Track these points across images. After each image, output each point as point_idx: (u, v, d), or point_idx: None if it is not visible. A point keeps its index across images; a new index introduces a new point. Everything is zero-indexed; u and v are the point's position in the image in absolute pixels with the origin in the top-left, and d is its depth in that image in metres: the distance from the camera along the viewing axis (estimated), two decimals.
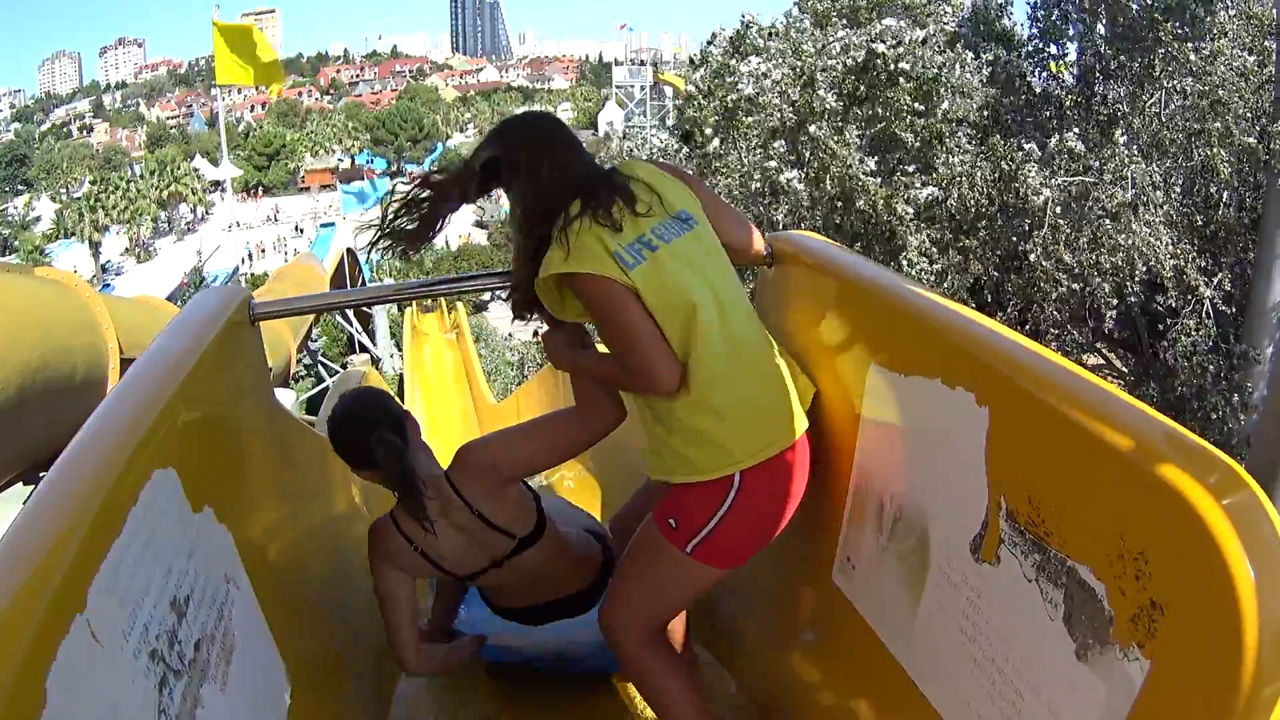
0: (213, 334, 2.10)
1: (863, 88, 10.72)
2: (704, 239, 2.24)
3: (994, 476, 1.68)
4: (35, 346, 5.20)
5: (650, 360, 2.09)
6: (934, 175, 10.55)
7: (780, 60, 11.04)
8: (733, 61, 11.48)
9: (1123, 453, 1.38)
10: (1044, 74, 11.69)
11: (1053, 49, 11.60)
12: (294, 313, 3.25)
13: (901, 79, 10.45)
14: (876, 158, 10.76)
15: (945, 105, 10.45)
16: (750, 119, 10.97)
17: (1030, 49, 11.65)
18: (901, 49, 10.44)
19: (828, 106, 10.58)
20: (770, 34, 11.79)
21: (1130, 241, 9.94)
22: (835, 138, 10.45)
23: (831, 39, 10.99)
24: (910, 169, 10.74)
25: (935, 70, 10.40)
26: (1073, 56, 11.66)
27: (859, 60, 10.60)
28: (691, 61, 13.70)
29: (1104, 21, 10.86)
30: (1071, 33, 11.53)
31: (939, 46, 10.74)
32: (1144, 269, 10.07)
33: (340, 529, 3.36)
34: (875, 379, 2.15)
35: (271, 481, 2.47)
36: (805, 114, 10.71)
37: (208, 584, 1.65)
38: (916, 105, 10.52)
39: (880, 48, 10.47)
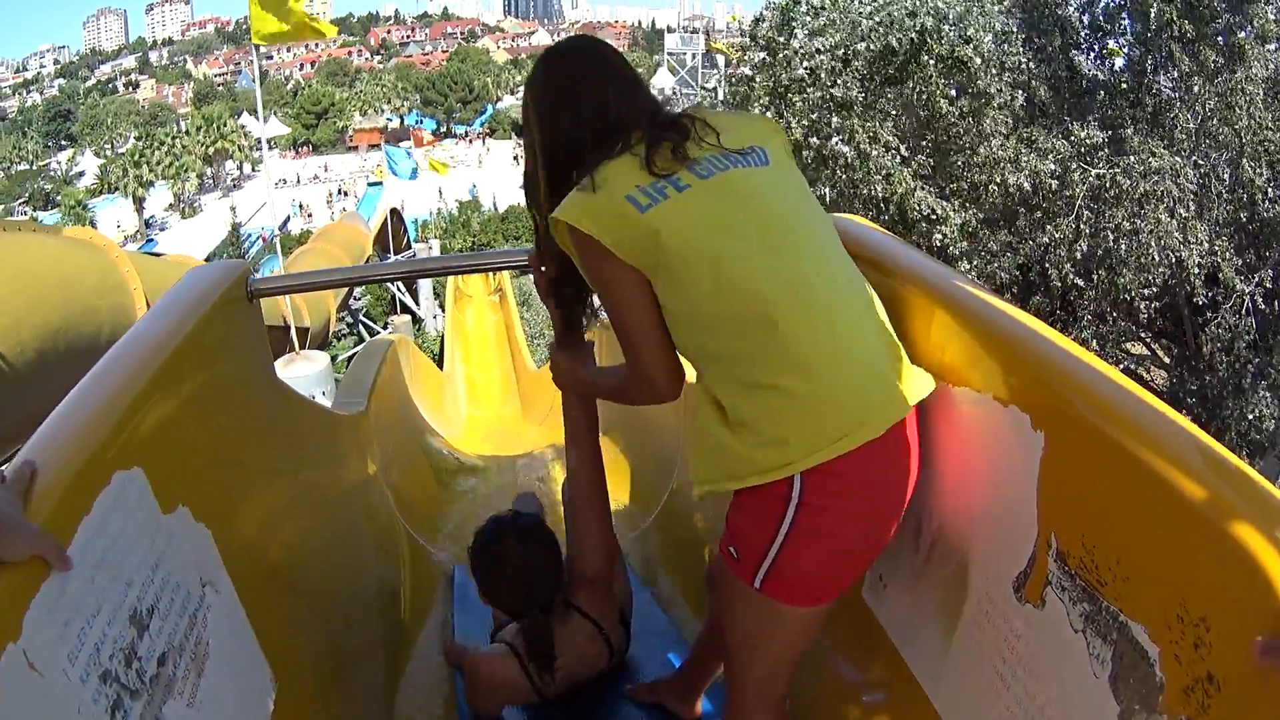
0: (202, 313, 1.97)
1: (893, 71, 10.55)
2: (775, 175, 1.90)
3: (1045, 510, 1.52)
4: (58, 308, 5.15)
5: (648, 355, 1.87)
6: (975, 158, 10.36)
7: (829, 31, 10.88)
8: (782, 38, 11.31)
9: (1194, 503, 1.21)
10: (1095, 60, 11.44)
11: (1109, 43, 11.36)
12: (295, 289, 3.13)
13: (927, 55, 10.26)
14: (908, 145, 10.60)
15: (981, 82, 10.23)
16: (799, 99, 10.83)
17: (1084, 36, 11.39)
18: (923, 33, 10.25)
19: (852, 95, 10.43)
20: (819, 10, 11.57)
21: (1153, 232, 9.71)
22: (862, 126, 10.31)
23: (876, 12, 10.82)
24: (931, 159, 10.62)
25: (962, 45, 10.18)
26: (1121, 49, 11.42)
27: (889, 41, 10.42)
28: (743, 33, 13.54)
29: (1154, 13, 10.60)
30: (1124, 26, 11.28)
31: (977, 23, 10.53)
32: (1169, 261, 9.85)
33: (349, 515, 3.23)
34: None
35: (267, 470, 2.32)
36: (833, 105, 10.59)
37: (177, 591, 1.52)
38: (943, 83, 10.30)
39: (892, 38, 10.32)
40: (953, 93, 10.32)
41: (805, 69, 10.79)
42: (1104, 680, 1.35)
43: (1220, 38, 9.81)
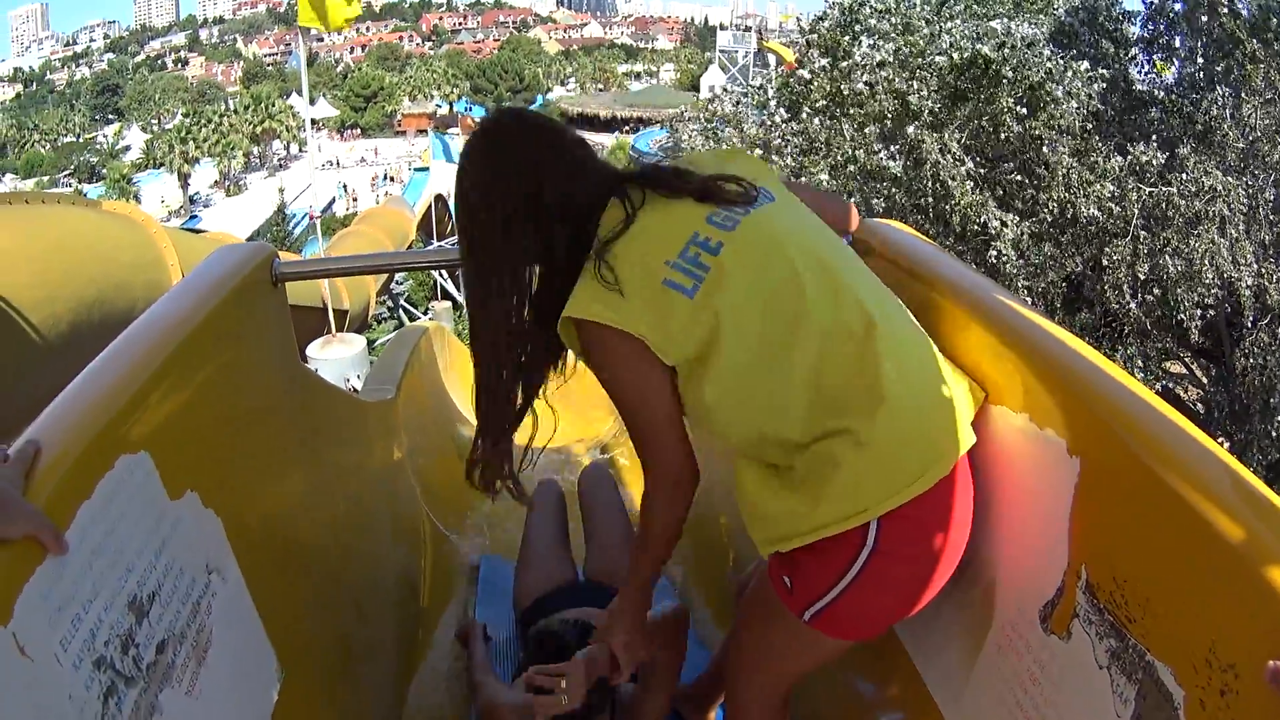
0: (222, 296, 1.94)
1: (964, 86, 10.41)
2: (787, 209, 1.77)
3: (1077, 540, 1.46)
4: (93, 281, 5.18)
5: (675, 452, 1.72)
6: (1033, 179, 10.24)
7: (891, 41, 10.75)
8: (845, 39, 11.20)
9: (1232, 544, 1.16)
10: (1147, 74, 11.28)
11: (1157, 58, 11.21)
12: (321, 274, 3.11)
13: (1005, 81, 10.11)
14: (974, 158, 10.47)
15: (1050, 110, 10.08)
16: (855, 109, 10.73)
17: (1138, 49, 11.24)
18: (1007, 52, 10.10)
19: (926, 106, 10.29)
20: (884, 12, 11.43)
21: (1206, 253, 9.55)
22: (931, 135, 10.17)
23: (940, 29, 10.68)
24: (1011, 176, 10.46)
25: (1042, 74, 10.04)
26: (1173, 67, 11.26)
27: (964, 57, 10.27)
28: (801, 31, 13.43)
29: (1205, 30, 10.43)
30: (1178, 43, 11.12)
31: (1046, 48, 10.37)
32: (1217, 280, 9.69)
33: (370, 504, 3.20)
34: None
35: (286, 458, 2.28)
36: (902, 114, 10.44)
37: (180, 578, 1.50)
38: (1019, 109, 10.16)
39: (985, 49, 10.14)
40: (1023, 111, 10.16)
41: (865, 83, 10.67)
42: (1126, 719, 1.30)
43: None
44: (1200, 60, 10.62)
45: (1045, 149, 10.16)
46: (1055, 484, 1.50)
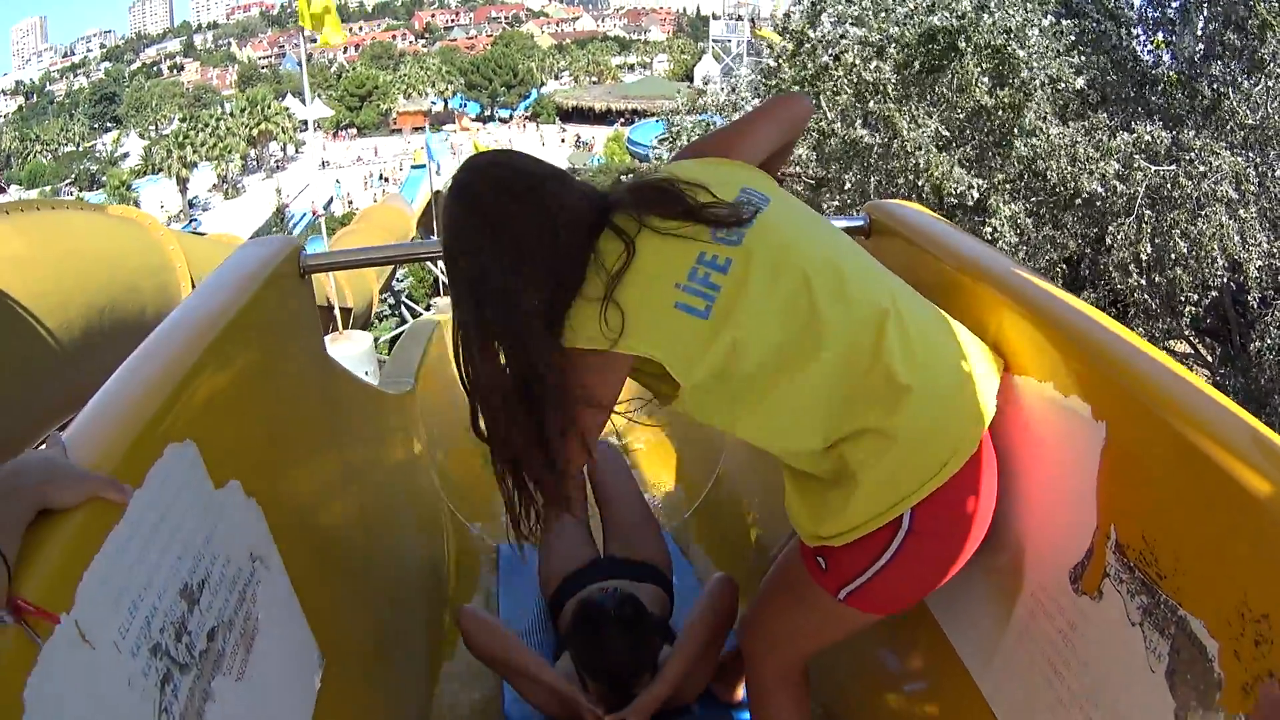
0: (255, 288, 1.96)
1: (921, 60, 10.43)
2: (786, 209, 1.75)
3: (1105, 501, 1.48)
4: (103, 286, 5.20)
5: (581, 457, 1.69)
6: (1013, 151, 10.21)
7: (856, 21, 10.77)
8: (811, 31, 11.24)
9: (1258, 498, 1.18)
10: (1150, 51, 11.23)
11: (1159, 34, 11.13)
12: (346, 265, 3.15)
13: (966, 52, 10.09)
14: (949, 129, 10.46)
15: (1025, 74, 10.05)
16: (828, 84, 10.75)
17: (1140, 24, 11.17)
18: (966, 21, 10.08)
19: (884, 78, 10.30)
20: None
21: (1211, 232, 9.52)
22: (896, 109, 10.18)
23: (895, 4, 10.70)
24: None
25: (1003, 37, 9.99)
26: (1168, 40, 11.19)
27: (918, 31, 10.28)
28: (775, 26, 13.54)
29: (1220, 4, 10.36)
30: (1173, 13, 11.06)
31: (1016, 9, 10.34)
32: (1224, 261, 9.65)
33: (394, 494, 3.24)
34: None
35: (317, 447, 2.31)
36: (864, 89, 10.47)
37: (228, 566, 1.52)
38: (981, 78, 10.13)
39: (935, 20, 10.15)
40: (985, 82, 10.14)
41: (830, 55, 10.69)
42: (1160, 675, 1.32)
43: None
44: (1205, 33, 10.53)
45: (1029, 116, 10.11)
46: (1080, 449, 1.53)
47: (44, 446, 1.25)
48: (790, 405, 1.65)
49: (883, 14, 10.66)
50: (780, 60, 11.74)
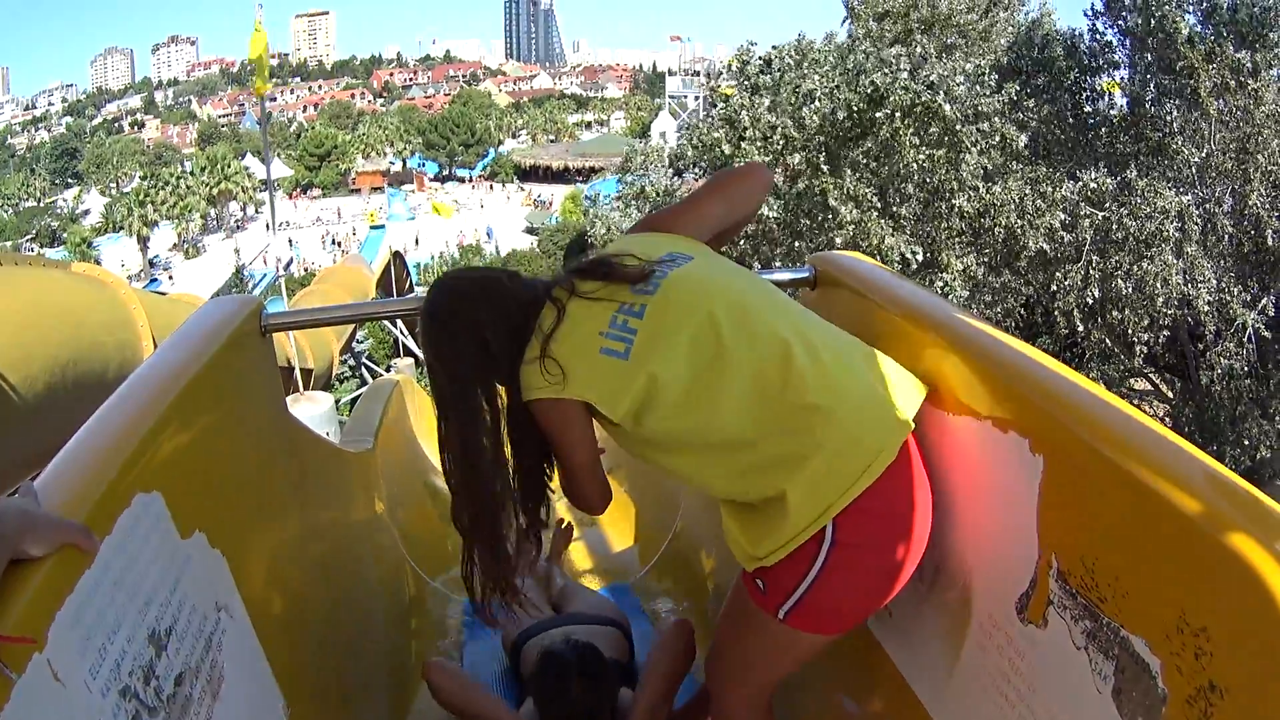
0: (218, 346, 2.00)
1: (844, 130, 10.76)
2: (705, 263, 1.93)
3: (1046, 532, 1.55)
4: (67, 342, 5.17)
5: (595, 486, 2.01)
6: (954, 207, 10.46)
7: (771, 108, 11.15)
8: (738, 106, 11.70)
9: (1190, 517, 1.24)
10: (1092, 98, 11.51)
11: (1101, 79, 11.43)
12: (308, 324, 3.18)
13: (888, 108, 10.40)
14: (886, 194, 10.77)
15: (957, 127, 10.31)
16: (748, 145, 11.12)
17: (1077, 74, 11.46)
18: (897, 88, 10.40)
19: (812, 159, 10.68)
20: (768, 65, 11.99)
21: (1155, 271, 9.75)
22: (832, 182, 10.50)
23: (803, 84, 11.09)
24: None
25: (928, 93, 10.28)
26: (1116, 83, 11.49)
27: (844, 99, 10.64)
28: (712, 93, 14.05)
29: (1152, 49, 10.65)
30: (1119, 59, 11.36)
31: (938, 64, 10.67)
32: (1175, 298, 9.87)
33: (357, 549, 3.25)
34: (922, 417, 1.92)
35: (279, 501, 2.34)
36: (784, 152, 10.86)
37: (194, 614, 1.55)
38: (911, 137, 10.42)
39: (849, 94, 10.52)
40: (915, 140, 10.41)
41: (759, 136, 11.12)
42: (1107, 694, 1.37)
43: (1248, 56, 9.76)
44: (1146, 77, 10.79)
45: (965, 171, 10.36)
46: (1022, 481, 1.59)
47: (15, 495, 1.28)
48: (704, 433, 1.80)
49: (794, 99, 11.01)
50: (717, 132, 12.06)
